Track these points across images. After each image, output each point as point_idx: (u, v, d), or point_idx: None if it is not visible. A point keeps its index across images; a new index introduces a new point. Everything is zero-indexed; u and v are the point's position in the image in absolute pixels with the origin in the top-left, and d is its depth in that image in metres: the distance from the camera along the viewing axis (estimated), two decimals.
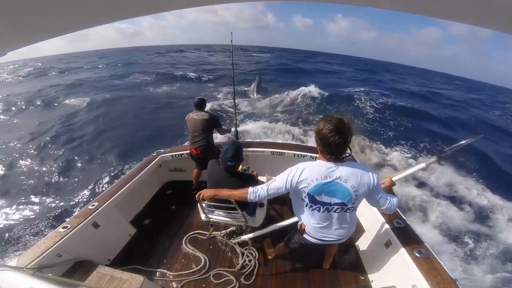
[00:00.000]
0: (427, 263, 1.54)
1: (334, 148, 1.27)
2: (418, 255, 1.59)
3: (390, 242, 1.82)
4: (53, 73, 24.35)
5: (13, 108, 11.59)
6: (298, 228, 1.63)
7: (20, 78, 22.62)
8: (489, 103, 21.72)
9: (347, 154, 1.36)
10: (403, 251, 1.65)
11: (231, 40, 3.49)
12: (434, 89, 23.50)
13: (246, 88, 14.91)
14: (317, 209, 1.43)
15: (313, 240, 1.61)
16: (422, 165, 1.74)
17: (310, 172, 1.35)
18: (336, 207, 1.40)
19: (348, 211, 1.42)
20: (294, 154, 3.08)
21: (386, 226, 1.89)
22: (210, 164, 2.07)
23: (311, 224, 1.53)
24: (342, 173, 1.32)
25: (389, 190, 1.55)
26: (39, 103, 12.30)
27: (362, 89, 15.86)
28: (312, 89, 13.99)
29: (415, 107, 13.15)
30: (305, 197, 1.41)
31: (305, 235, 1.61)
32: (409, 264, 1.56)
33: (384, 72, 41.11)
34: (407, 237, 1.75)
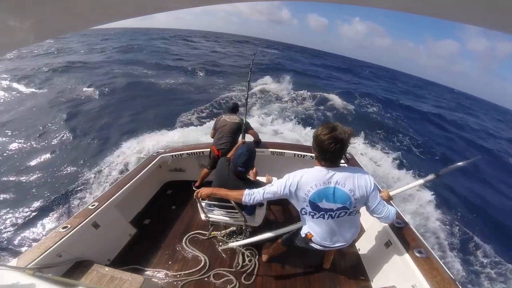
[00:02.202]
0: (427, 263, 1.54)
1: (329, 155, 1.28)
2: (418, 255, 1.59)
3: (390, 242, 1.82)
4: (47, 53, 21.74)
5: None
6: (303, 236, 1.60)
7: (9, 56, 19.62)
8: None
9: (343, 162, 1.38)
10: (403, 251, 1.65)
11: (252, 60, 3.81)
12: (442, 109, 21.85)
13: (257, 86, 14.18)
14: (322, 216, 1.41)
15: (320, 248, 1.60)
16: (420, 181, 1.73)
17: (309, 178, 1.35)
18: (339, 212, 1.39)
19: (351, 214, 1.42)
20: (294, 154, 3.08)
21: (386, 226, 1.89)
22: (220, 162, 2.07)
23: (318, 233, 1.51)
24: (339, 177, 1.33)
25: (387, 202, 1.53)
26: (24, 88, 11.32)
27: (375, 109, 14.42)
28: (334, 99, 13.22)
29: (423, 129, 12.61)
30: (307, 205, 1.40)
31: (311, 244, 1.60)
32: (409, 264, 1.57)
33: (390, 81, 40.17)
34: (407, 237, 1.75)
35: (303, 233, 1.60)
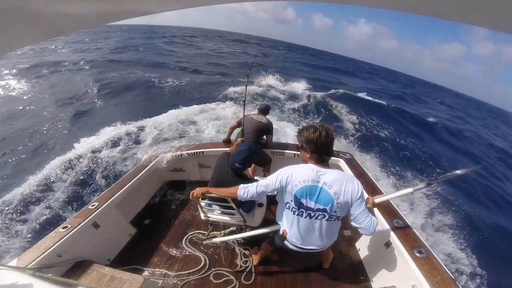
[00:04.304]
0: (427, 263, 1.54)
1: (325, 149, 1.35)
2: (418, 255, 1.59)
3: (390, 242, 1.82)
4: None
5: None
6: (280, 233, 1.63)
7: None
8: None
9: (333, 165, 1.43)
10: (403, 251, 1.65)
11: (249, 68, 3.70)
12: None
13: (260, 87, 13.80)
14: (300, 214, 1.44)
15: (294, 248, 1.62)
16: (409, 190, 1.70)
17: (299, 173, 1.38)
18: (318, 213, 1.40)
19: (330, 219, 1.42)
20: (294, 154, 3.09)
21: (386, 226, 1.89)
22: (221, 156, 2.08)
23: (292, 231, 1.54)
24: (328, 178, 1.35)
25: (370, 210, 1.52)
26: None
27: (381, 126, 12.51)
28: (338, 106, 12.46)
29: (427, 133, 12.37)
30: (292, 200, 1.42)
31: (285, 242, 1.63)
32: (409, 264, 1.57)
33: (393, 83, 39.49)
34: (407, 237, 1.75)
35: (281, 230, 1.63)
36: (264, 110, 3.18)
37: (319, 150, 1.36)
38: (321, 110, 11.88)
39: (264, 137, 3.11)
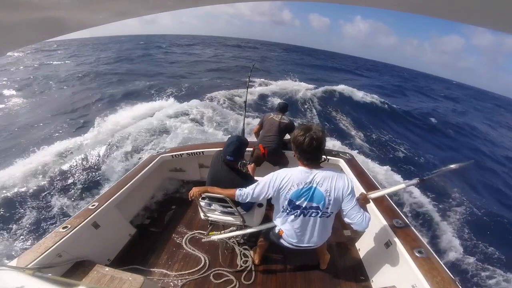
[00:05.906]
0: (427, 263, 1.54)
1: (309, 154, 1.36)
2: (418, 255, 1.59)
3: (390, 242, 1.82)
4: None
5: None
6: (276, 232, 1.66)
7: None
8: None
9: (323, 160, 1.45)
10: (403, 251, 1.65)
11: (251, 70, 3.83)
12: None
13: (259, 87, 14.02)
14: (295, 214, 1.48)
15: (290, 246, 1.65)
16: (401, 186, 1.71)
17: (291, 178, 1.41)
18: (311, 211, 1.44)
19: (323, 216, 1.45)
20: (294, 153, 3.08)
21: (386, 226, 1.89)
22: (215, 154, 2.09)
23: (288, 230, 1.58)
24: (319, 177, 1.38)
25: (363, 206, 1.53)
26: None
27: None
28: (339, 114, 12.22)
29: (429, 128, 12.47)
30: (286, 203, 1.46)
31: (281, 240, 1.66)
32: (409, 264, 1.56)
33: (394, 78, 39.39)
34: (407, 237, 1.75)
35: (276, 229, 1.66)
36: (283, 109, 3.09)
37: (301, 153, 1.39)
38: (322, 119, 11.45)
39: (287, 136, 3.02)
